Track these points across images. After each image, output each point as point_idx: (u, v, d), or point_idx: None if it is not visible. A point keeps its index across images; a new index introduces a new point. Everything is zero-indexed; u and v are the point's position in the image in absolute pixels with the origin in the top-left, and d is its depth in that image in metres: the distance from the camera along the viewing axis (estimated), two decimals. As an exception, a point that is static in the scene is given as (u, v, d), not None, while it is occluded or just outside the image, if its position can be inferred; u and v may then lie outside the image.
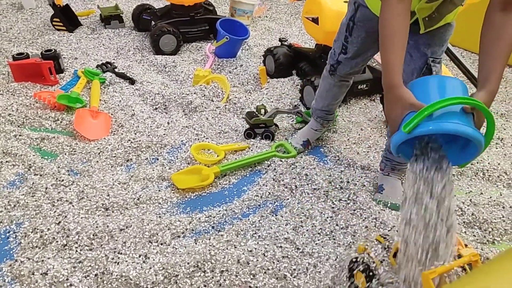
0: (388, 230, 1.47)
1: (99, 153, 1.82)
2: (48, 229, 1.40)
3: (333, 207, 1.59)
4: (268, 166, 1.80)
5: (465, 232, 1.49)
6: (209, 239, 1.41)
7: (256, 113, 2.02)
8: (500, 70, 1.10)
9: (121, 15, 3.13)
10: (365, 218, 1.53)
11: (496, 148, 1.99)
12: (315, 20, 2.23)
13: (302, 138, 1.94)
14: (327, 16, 2.17)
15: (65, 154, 1.81)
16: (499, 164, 1.82)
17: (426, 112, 0.98)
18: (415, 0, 1.24)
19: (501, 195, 1.67)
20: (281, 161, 1.80)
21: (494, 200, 1.62)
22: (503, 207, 1.59)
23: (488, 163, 1.82)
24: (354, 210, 1.57)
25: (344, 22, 1.59)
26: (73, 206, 1.52)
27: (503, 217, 1.54)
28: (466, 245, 1.33)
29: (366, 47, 1.57)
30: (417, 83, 1.13)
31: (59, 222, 1.43)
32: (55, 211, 1.48)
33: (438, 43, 1.42)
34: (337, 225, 1.50)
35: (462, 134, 0.99)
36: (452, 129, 0.99)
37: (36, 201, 1.53)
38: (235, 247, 1.38)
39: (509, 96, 2.46)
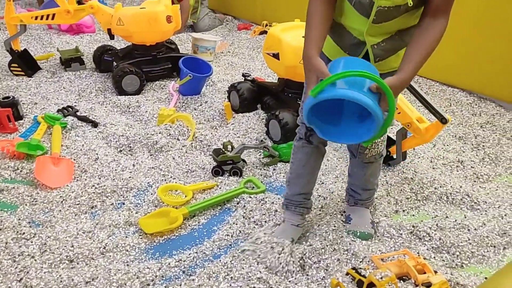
0: (360, 262, 1.47)
1: (61, 202, 1.76)
2: (9, 287, 1.33)
3: (304, 242, 1.58)
4: (238, 204, 1.79)
5: (434, 257, 1.51)
6: (180, 285, 1.37)
7: (223, 150, 2.02)
8: (415, 61, 1.21)
9: (81, 57, 3.11)
10: (336, 250, 1.53)
11: (457, 171, 2.05)
12: (276, 56, 2.29)
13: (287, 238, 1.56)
14: (287, 51, 2.23)
15: (26, 205, 1.75)
16: (461, 187, 1.88)
17: (331, 79, 1.11)
18: (363, 23, 1.29)
19: (465, 217, 1.72)
20: (250, 197, 1.80)
21: (459, 223, 1.66)
22: (468, 230, 1.63)
23: (451, 186, 1.88)
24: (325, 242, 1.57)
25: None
26: (35, 260, 1.45)
27: (469, 239, 1.58)
28: (435, 272, 1.36)
29: None
30: (334, 61, 1.25)
31: (21, 279, 1.36)
32: (16, 267, 1.41)
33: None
34: (309, 259, 1.49)
35: (359, 102, 1.09)
36: (352, 96, 1.10)
37: (-5, 257, 1.46)
38: (207, 292, 1.35)
39: (465, 119, 2.57)
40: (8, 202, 1.76)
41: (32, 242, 1.53)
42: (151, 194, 1.83)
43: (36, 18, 2.87)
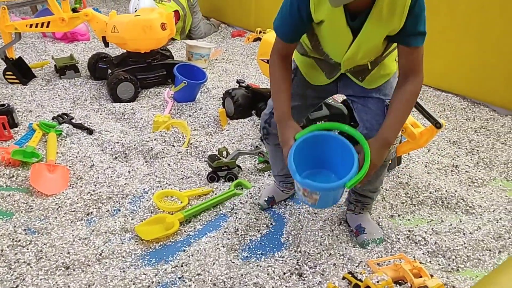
0: (356, 266, 1.48)
1: (57, 209, 1.76)
2: (4, 295, 1.32)
3: (299, 247, 1.58)
4: (232, 210, 1.79)
5: (430, 261, 1.52)
6: (177, 291, 1.37)
7: (218, 156, 2.02)
8: (393, 121, 1.33)
9: (76, 64, 3.11)
10: (332, 255, 1.53)
11: (452, 176, 2.07)
12: (270, 62, 2.30)
13: (267, 194, 1.82)
14: (282, 58, 2.24)
15: (22, 212, 1.74)
16: (455, 191, 1.89)
17: (312, 128, 1.31)
18: (339, 55, 1.39)
19: (460, 221, 1.73)
20: (242, 203, 1.80)
21: (455, 227, 1.68)
22: (464, 234, 1.64)
23: (446, 190, 1.89)
24: (321, 247, 1.57)
25: None
26: (31, 267, 1.44)
27: (464, 243, 1.59)
28: (432, 276, 1.36)
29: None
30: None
31: (17, 286, 1.35)
32: (12, 275, 1.40)
33: (386, 86, 1.47)
34: (305, 264, 1.49)
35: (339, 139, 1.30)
36: (325, 134, 1.33)
37: (-10, 265, 1.45)
38: (204, 297, 1.35)
39: (459, 124, 2.59)
40: (4, 209, 1.75)
41: (28, 249, 1.52)
42: (147, 200, 1.83)
43: (31, 26, 2.87)
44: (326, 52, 1.41)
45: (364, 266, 1.48)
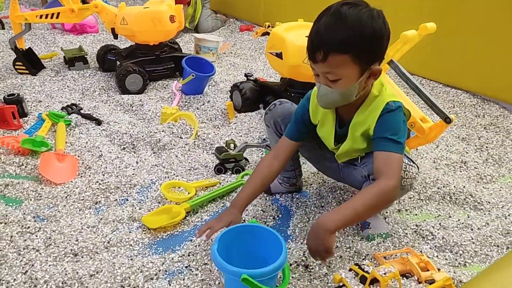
0: (363, 259, 1.47)
1: (66, 197, 1.77)
2: (14, 279, 1.33)
3: (306, 239, 1.58)
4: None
5: (437, 256, 1.52)
6: (183, 280, 1.38)
7: (226, 148, 2.03)
8: (343, 208, 1.30)
9: (85, 56, 3.12)
10: (339, 248, 1.53)
11: (460, 172, 2.06)
12: (279, 55, 2.30)
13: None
14: (291, 51, 2.24)
15: (31, 200, 1.75)
16: (464, 187, 1.88)
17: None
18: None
19: (468, 217, 1.72)
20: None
21: (463, 223, 1.67)
22: (472, 229, 1.63)
23: (454, 186, 1.88)
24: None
25: None
26: (40, 253, 1.46)
27: (472, 239, 1.58)
28: (439, 269, 1.36)
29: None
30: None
31: (26, 271, 1.36)
32: (21, 260, 1.41)
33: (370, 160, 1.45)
34: (312, 256, 1.49)
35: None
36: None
37: (0, 250, 1.46)
38: (210, 285, 1.35)
39: (469, 121, 2.58)
40: (13, 197, 1.76)
41: (37, 236, 1.54)
42: (154, 191, 1.84)
43: (41, 16, 2.89)
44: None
45: (371, 259, 1.48)
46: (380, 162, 1.35)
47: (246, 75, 2.71)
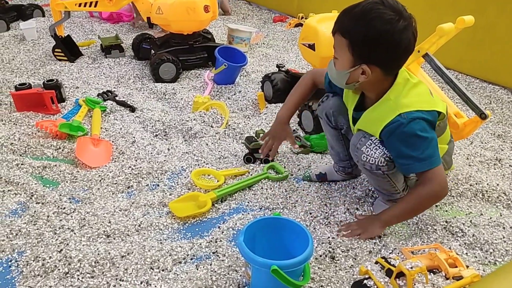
0: (390, 253, 1.47)
1: (100, 181, 1.83)
2: (50, 257, 1.40)
3: (332, 233, 1.58)
4: (262, 188, 1.83)
5: (466, 253, 1.49)
6: (211, 265, 1.41)
7: (256, 138, 2.04)
8: (396, 211, 1.49)
9: (121, 44, 3.20)
10: (366, 241, 1.53)
11: (495, 169, 2.00)
12: (312, 47, 2.28)
13: (321, 169, 1.88)
14: (323, 42, 2.21)
15: (67, 182, 1.83)
16: (497, 184, 1.83)
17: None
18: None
19: (501, 215, 1.68)
20: (272, 182, 1.84)
21: (494, 221, 1.63)
22: (504, 228, 1.60)
23: (487, 184, 1.83)
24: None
25: None
26: (74, 233, 1.52)
27: (503, 237, 1.54)
28: (467, 266, 1.34)
29: None
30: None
31: (61, 250, 1.43)
32: (56, 239, 1.48)
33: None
34: (338, 248, 1.50)
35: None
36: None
37: (38, 229, 1.53)
38: (237, 272, 1.38)
39: (505, 117, 2.49)
40: (50, 178, 1.84)
41: (72, 216, 1.60)
42: (185, 177, 1.88)
43: (79, 5, 2.97)
44: None
45: (398, 253, 1.47)
46: (420, 181, 1.44)
47: (278, 66, 2.70)
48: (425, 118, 1.37)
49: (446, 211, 1.73)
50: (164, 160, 1.99)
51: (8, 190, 1.73)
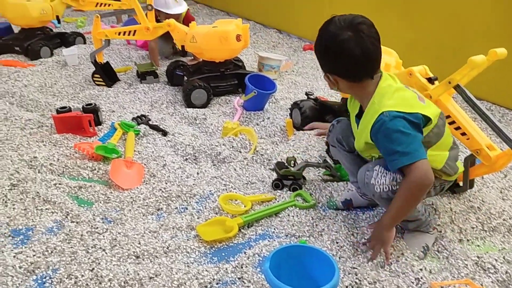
0: (419, 287, 1.44)
1: (131, 202, 1.89)
2: (82, 275, 1.44)
3: (359, 266, 1.56)
4: (288, 215, 1.83)
5: (498, 290, 1.45)
6: (236, 290, 1.42)
7: (286, 164, 2.06)
8: (392, 211, 1.46)
9: (156, 71, 3.32)
10: (393, 271, 1.50)
11: (529, 203, 1.94)
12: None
13: (346, 196, 1.89)
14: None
15: (100, 202, 1.89)
16: (532, 220, 1.78)
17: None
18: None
19: (535, 252, 1.62)
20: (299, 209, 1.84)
21: (529, 258, 1.58)
22: (539, 265, 1.54)
23: (521, 218, 1.78)
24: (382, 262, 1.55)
25: None
26: (106, 253, 1.57)
27: (538, 275, 1.49)
28: (499, 304, 1.30)
29: None
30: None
31: (93, 268, 1.47)
32: (89, 258, 1.53)
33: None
34: (365, 279, 1.48)
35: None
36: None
37: (71, 247, 1.59)
38: (262, 299, 1.38)
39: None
40: (85, 198, 1.91)
41: (104, 236, 1.66)
42: (213, 201, 1.91)
43: (119, 33, 3.12)
44: None
45: (427, 287, 1.44)
46: (405, 175, 1.42)
47: (306, 94, 2.74)
48: (406, 118, 1.40)
49: (478, 245, 1.69)
50: (193, 184, 2.03)
51: (46, 209, 1.81)
